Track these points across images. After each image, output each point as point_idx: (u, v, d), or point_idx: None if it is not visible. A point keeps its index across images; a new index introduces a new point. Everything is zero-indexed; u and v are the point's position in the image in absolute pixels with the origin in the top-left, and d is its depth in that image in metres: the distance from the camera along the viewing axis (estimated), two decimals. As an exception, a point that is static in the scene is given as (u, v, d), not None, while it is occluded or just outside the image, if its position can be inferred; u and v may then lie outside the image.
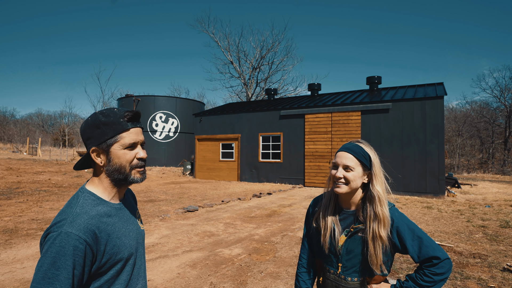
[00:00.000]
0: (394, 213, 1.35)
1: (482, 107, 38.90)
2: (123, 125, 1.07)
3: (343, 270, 1.37)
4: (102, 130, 1.06)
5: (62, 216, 1.00)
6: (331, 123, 13.88)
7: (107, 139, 1.06)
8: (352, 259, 1.35)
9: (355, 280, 1.37)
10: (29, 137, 43.52)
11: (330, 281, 1.42)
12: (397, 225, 1.33)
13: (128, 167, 1.08)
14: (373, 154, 1.36)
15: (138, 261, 1.18)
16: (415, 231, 1.31)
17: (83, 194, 1.07)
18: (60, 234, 0.95)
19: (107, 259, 1.03)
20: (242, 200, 10.17)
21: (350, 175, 1.32)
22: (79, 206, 1.02)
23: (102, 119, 1.06)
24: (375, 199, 1.32)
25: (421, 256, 1.28)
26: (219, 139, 17.38)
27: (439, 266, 1.26)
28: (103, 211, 1.06)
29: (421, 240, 1.29)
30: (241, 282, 3.78)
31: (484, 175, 25.63)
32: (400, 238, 1.32)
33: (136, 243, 1.16)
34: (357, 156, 1.33)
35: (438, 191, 11.43)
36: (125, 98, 25.54)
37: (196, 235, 5.80)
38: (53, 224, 0.99)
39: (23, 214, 7.37)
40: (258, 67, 32.29)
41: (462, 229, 6.52)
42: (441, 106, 11.65)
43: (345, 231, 1.37)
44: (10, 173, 14.98)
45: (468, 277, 3.97)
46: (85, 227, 0.98)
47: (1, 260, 4.34)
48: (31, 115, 67.75)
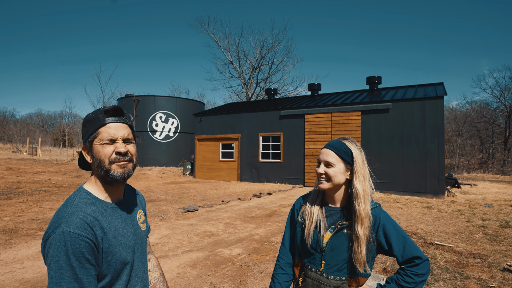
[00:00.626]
0: (380, 212, 1.34)
1: (482, 107, 38.92)
2: (100, 120, 1.08)
3: (326, 268, 1.35)
4: (87, 127, 1.10)
5: (58, 216, 1.01)
6: (331, 123, 13.88)
7: (89, 136, 1.09)
8: (336, 257, 1.34)
9: (337, 279, 1.34)
10: (29, 137, 43.53)
11: (311, 280, 1.39)
12: (383, 223, 1.32)
13: (107, 161, 1.07)
14: (356, 151, 1.35)
15: (137, 262, 1.17)
16: (399, 231, 1.32)
17: (79, 193, 1.08)
18: (58, 234, 0.95)
19: (103, 259, 1.02)
20: (242, 200, 10.17)
21: (331, 171, 1.33)
22: (74, 205, 1.03)
23: (87, 117, 1.10)
24: (356, 195, 1.31)
25: (405, 255, 1.29)
26: (219, 139, 17.38)
27: (420, 266, 1.27)
28: (98, 210, 1.06)
29: (405, 240, 1.30)
30: (241, 282, 3.78)
31: (484, 175, 25.63)
32: (386, 237, 1.31)
33: (134, 244, 1.15)
34: (338, 152, 1.34)
35: (438, 191, 11.43)
36: (125, 98, 25.53)
37: (196, 235, 5.80)
38: (50, 225, 0.99)
39: (23, 214, 7.37)
40: (258, 67, 32.30)
41: (462, 229, 6.52)
42: (441, 106, 11.65)
43: (330, 228, 1.36)
44: (10, 173, 14.99)
45: (468, 277, 3.97)
46: (81, 224, 0.98)
47: (1, 260, 4.34)
48: (31, 115, 67.83)
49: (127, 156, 1.10)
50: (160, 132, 24.54)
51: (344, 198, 1.39)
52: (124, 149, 1.09)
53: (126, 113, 1.14)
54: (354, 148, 1.36)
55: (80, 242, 0.95)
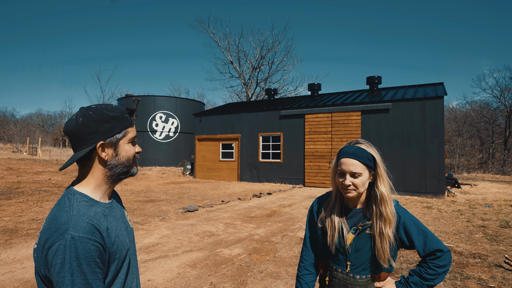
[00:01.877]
0: (399, 209, 1.38)
1: (482, 107, 38.91)
2: (129, 120, 1.12)
3: (352, 268, 1.37)
4: (111, 124, 1.07)
5: (60, 222, 0.96)
6: (331, 123, 13.88)
7: (116, 133, 1.08)
8: (361, 257, 1.36)
9: (363, 277, 1.38)
10: (29, 137, 43.52)
11: (338, 280, 1.41)
12: (403, 221, 1.36)
13: (132, 160, 1.14)
14: (376, 154, 1.35)
15: (132, 259, 1.18)
16: (420, 226, 1.35)
17: (74, 196, 1.04)
18: (67, 241, 0.92)
19: (110, 259, 1.03)
20: (242, 200, 10.17)
21: (358, 181, 1.32)
22: (75, 209, 1.00)
23: (110, 114, 1.08)
24: (381, 198, 1.33)
25: (426, 249, 1.32)
26: (219, 139, 17.38)
27: (442, 258, 1.31)
28: (99, 211, 1.05)
29: (425, 234, 1.33)
30: (241, 282, 3.78)
31: (484, 175, 25.62)
32: (407, 233, 1.35)
33: (129, 241, 1.17)
34: (362, 160, 1.32)
35: (438, 191, 11.43)
36: (125, 98, 25.54)
37: (196, 235, 5.80)
38: (53, 232, 0.95)
39: (23, 214, 7.37)
40: (258, 67, 32.30)
41: (462, 229, 6.52)
42: (441, 106, 11.65)
43: (352, 229, 1.38)
44: (10, 173, 14.99)
45: (468, 277, 3.97)
46: (90, 228, 0.97)
47: (1, 260, 4.34)
48: (31, 115, 67.81)
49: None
50: (160, 132, 24.54)
51: (364, 200, 1.41)
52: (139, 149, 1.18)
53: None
54: (373, 151, 1.36)
55: (90, 246, 0.94)
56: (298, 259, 4.59)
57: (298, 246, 5.22)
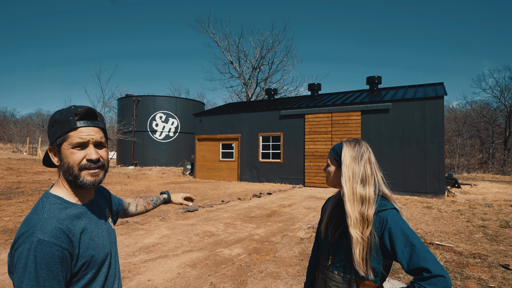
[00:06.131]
0: (389, 215, 1.26)
1: (482, 107, 38.93)
2: (71, 124, 1.01)
3: (332, 262, 1.37)
4: (54, 128, 1.03)
5: (29, 224, 0.95)
6: (331, 123, 13.88)
7: (57, 138, 1.03)
8: (340, 253, 1.34)
9: (341, 275, 1.33)
10: (29, 137, 43.53)
11: (321, 274, 1.44)
12: (390, 227, 1.23)
13: (77, 168, 1.02)
14: (348, 151, 1.33)
15: (113, 262, 1.16)
16: (409, 237, 1.19)
17: (48, 199, 1.02)
18: (33, 244, 0.90)
19: (83, 262, 1.00)
20: (242, 200, 10.17)
21: (327, 170, 1.43)
22: (46, 212, 0.98)
23: (55, 117, 1.03)
24: (342, 195, 1.32)
25: (411, 264, 1.15)
26: (219, 139, 17.38)
27: (431, 282, 1.09)
28: (72, 214, 1.02)
29: (413, 247, 1.16)
30: (241, 282, 3.78)
31: (484, 175, 25.62)
32: (391, 241, 1.22)
33: (110, 243, 1.14)
34: (332, 151, 1.42)
35: (438, 191, 11.43)
36: (125, 98, 25.54)
37: (196, 235, 5.80)
38: (21, 234, 0.93)
39: (23, 214, 7.37)
40: (258, 67, 32.30)
41: (462, 229, 6.52)
42: (441, 106, 11.65)
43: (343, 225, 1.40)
44: (10, 173, 14.99)
45: (468, 277, 3.96)
46: (57, 232, 0.94)
47: (1, 260, 4.34)
48: (31, 115, 67.77)
49: (99, 163, 1.06)
50: (160, 132, 24.55)
51: None
52: (96, 155, 1.04)
53: (99, 115, 1.08)
54: (347, 148, 1.35)
55: (54, 252, 0.91)
56: (298, 259, 4.60)
57: (298, 246, 5.22)
